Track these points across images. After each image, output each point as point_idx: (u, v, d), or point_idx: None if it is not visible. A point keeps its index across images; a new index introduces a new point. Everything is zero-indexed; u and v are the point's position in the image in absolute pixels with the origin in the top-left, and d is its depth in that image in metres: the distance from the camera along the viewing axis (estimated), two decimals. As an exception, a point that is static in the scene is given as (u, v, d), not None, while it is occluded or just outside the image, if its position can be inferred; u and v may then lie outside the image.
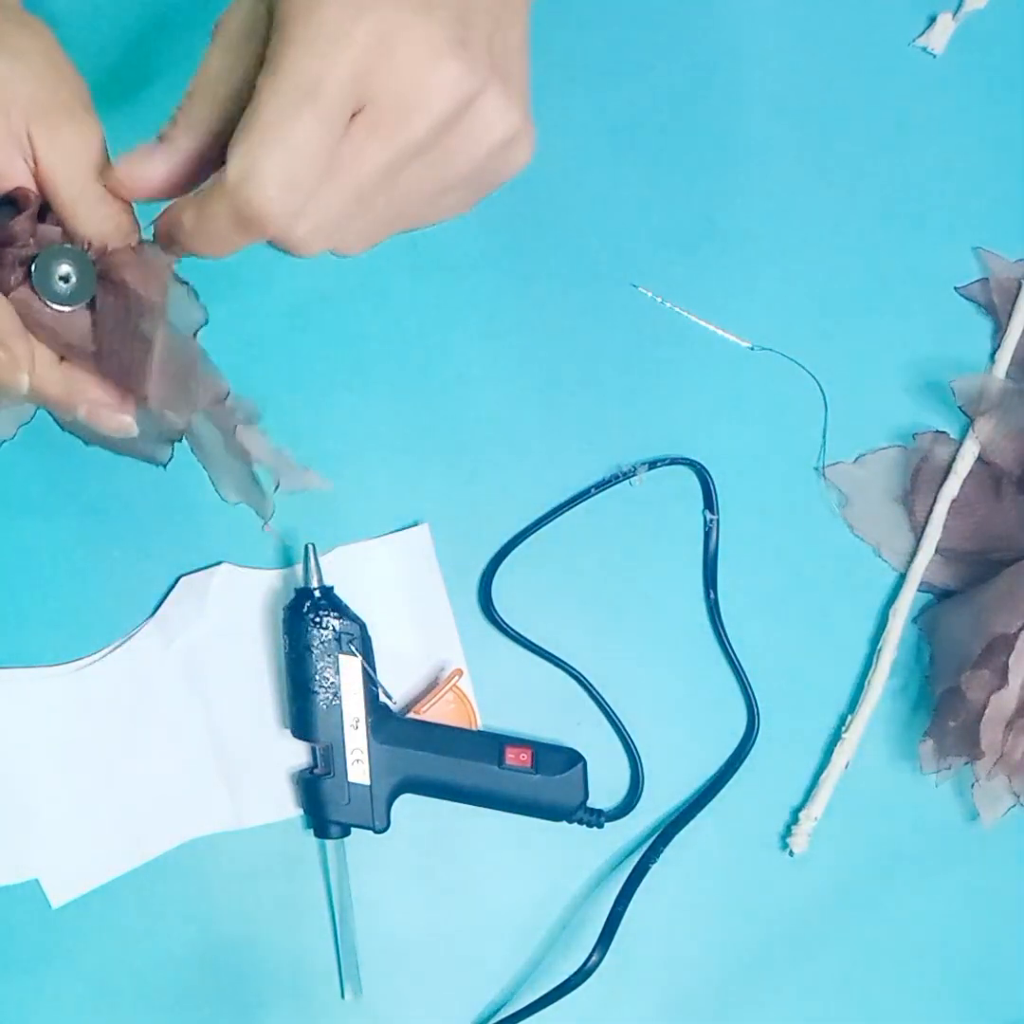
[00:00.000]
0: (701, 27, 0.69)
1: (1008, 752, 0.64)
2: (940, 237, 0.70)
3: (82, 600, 0.65)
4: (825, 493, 0.69)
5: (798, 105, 0.70)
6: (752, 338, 0.69)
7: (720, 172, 0.69)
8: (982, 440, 0.68)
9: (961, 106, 0.71)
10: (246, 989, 0.65)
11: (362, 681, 0.63)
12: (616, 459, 0.68)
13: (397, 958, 0.65)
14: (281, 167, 0.43)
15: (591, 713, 0.67)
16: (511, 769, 0.64)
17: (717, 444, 0.68)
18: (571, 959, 0.65)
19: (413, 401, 0.67)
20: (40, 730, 0.64)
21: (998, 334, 0.70)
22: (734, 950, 0.67)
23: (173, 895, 0.64)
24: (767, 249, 0.69)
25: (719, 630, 0.68)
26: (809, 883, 0.67)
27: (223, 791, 0.65)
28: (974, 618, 0.66)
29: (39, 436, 0.65)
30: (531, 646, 0.67)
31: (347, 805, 0.63)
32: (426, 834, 0.66)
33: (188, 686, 0.65)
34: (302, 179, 0.43)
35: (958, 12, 0.71)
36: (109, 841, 0.64)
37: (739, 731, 0.68)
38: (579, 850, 0.67)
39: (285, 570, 0.66)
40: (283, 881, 0.65)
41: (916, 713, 0.68)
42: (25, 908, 0.63)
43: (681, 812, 0.67)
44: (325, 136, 0.43)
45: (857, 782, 0.67)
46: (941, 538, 0.69)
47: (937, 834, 0.68)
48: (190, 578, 0.65)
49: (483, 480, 0.67)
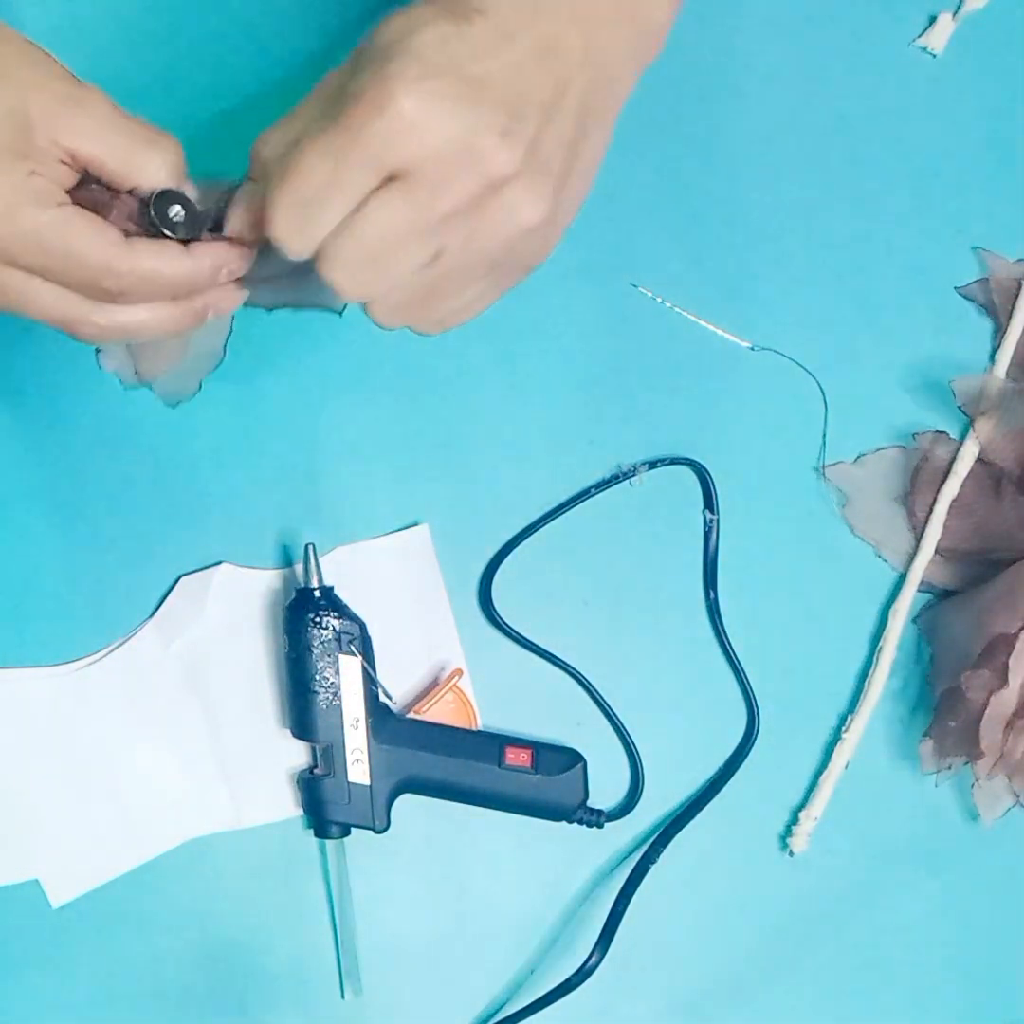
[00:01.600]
0: (701, 27, 0.69)
1: (1008, 752, 0.64)
2: (940, 237, 0.70)
3: (82, 600, 0.65)
4: (825, 493, 0.69)
5: (798, 105, 0.70)
6: (752, 338, 0.69)
7: (720, 172, 0.69)
8: (982, 440, 0.68)
9: (961, 106, 0.71)
10: (246, 989, 0.65)
11: (362, 681, 0.63)
12: (616, 459, 0.68)
13: (397, 958, 0.65)
14: (297, 214, 0.46)
15: (591, 713, 0.67)
16: (511, 769, 0.64)
17: (717, 444, 0.68)
18: (571, 959, 0.65)
19: (413, 401, 0.67)
20: (40, 730, 0.64)
21: (998, 334, 0.70)
22: (734, 950, 0.67)
23: (173, 895, 0.64)
24: (767, 249, 0.69)
25: (719, 630, 0.68)
26: (809, 883, 0.68)
27: (223, 791, 0.65)
28: (974, 618, 0.66)
29: (40, 436, 0.65)
30: (531, 646, 0.67)
31: (347, 805, 0.63)
32: (426, 834, 0.66)
33: (188, 686, 0.65)
34: (319, 225, 0.46)
35: (958, 12, 0.71)
36: (109, 841, 0.64)
37: (739, 731, 0.68)
38: (579, 850, 0.67)
39: (285, 570, 0.66)
40: (283, 881, 0.65)
41: (916, 713, 0.68)
42: (25, 908, 0.63)
43: (681, 812, 0.67)
44: (347, 192, 0.45)
45: (857, 782, 0.67)
46: (941, 538, 0.69)
47: (937, 834, 0.68)
48: (190, 578, 0.65)
49: (483, 480, 0.67)
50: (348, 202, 0.45)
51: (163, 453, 0.65)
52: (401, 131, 0.44)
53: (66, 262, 0.48)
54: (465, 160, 0.45)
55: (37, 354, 0.64)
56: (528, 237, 0.48)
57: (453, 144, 0.45)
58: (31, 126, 0.47)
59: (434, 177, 0.45)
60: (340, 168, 0.45)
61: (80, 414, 0.65)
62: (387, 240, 0.46)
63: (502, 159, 0.45)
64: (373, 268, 0.47)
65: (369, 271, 0.47)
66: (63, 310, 0.50)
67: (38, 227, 0.47)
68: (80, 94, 0.49)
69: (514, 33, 0.46)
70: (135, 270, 0.49)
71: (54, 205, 0.48)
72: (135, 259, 0.49)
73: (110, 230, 0.49)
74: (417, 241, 0.46)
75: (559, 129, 0.48)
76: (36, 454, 0.65)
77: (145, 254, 0.49)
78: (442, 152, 0.45)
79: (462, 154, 0.45)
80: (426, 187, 0.45)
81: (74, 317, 0.50)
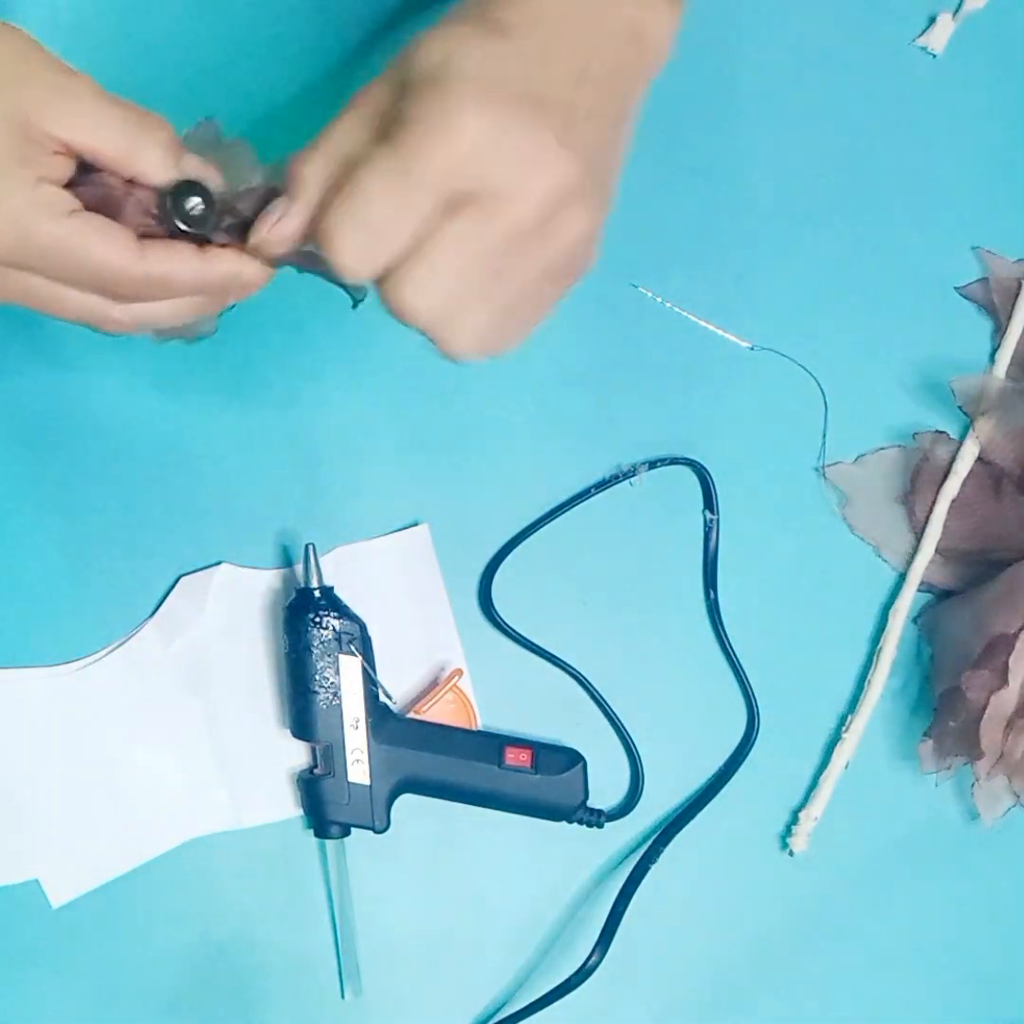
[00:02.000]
0: (701, 27, 0.69)
1: (1008, 752, 0.64)
2: (940, 237, 0.70)
3: (82, 600, 0.65)
4: (825, 493, 0.69)
5: (798, 104, 0.70)
6: (752, 338, 0.69)
7: (720, 172, 0.69)
8: (982, 440, 0.68)
9: (961, 106, 0.71)
10: (246, 989, 0.65)
11: (362, 681, 0.63)
12: (616, 459, 0.68)
13: (397, 958, 0.65)
14: (361, 239, 0.45)
15: (591, 713, 0.67)
16: (511, 769, 0.64)
17: (717, 444, 0.68)
18: (571, 959, 0.65)
19: (413, 401, 0.67)
20: (40, 730, 0.64)
21: (998, 334, 0.70)
22: (734, 950, 0.67)
23: (173, 895, 0.64)
24: (767, 249, 0.69)
25: (719, 630, 0.68)
26: (809, 883, 0.68)
27: (223, 791, 0.65)
28: (974, 618, 0.66)
29: (40, 436, 0.65)
30: (531, 646, 0.67)
31: (347, 805, 0.63)
32: (426, 834, 0.66)
33: (188, 686, 0.65)
34: (385, 251, 0.45)
35: (958, 12, 0.71)
36: (109, 841, 0.64)
37: (739, 731, 0.68)
38: (579, 850, 0.67)
39: (285, 570, 0.66)
40: (283, 881, 0.65)
41: (916, 713, 0.68)
42: (25, 908, 0.63)
43: (681, 812, 0.67)
44: (413, 216, 0.45)
45: (857, 782, 0.67)
46: (941, 538, 0.69)
47: (937, 834, 0.68)
48: (190, 578, 0.65)
49: (483, 480, 0.67)
50: (416, 227, 0.45)
51: (163, 453, 0.65)
52: (469, 153, 0.44)
53: (81, 271, 0.48)
54: (534, 176, 0.45)
55: (37, 354, 0.64)
56: (587, 243, 0.48)
57: (521, 162, 0.45)
58: (25, 121, 0.47)
59: (505, 196, 0.45)
60: (407, 192, 0.44)
61: (80, 414, 0.65)
62: (462, 264, 0.46)
63: (568, 171, 0.46)
64: (449, 293, 0.46)
65: (445, 297, 0.46)
66: (86, 311, 0.51)
67: (52, 241, 0.48)
68: (70, 83, 0.48)
69: (550, 46, 0.47)
70: (149, 277, 0.49)
71: (67, 214, 0.48)
72: (148, 266, 0.49)
73: (122, 236, 0.49)
74: (491, 262, 0.46)
75: (601, 136, 0.48)
76: (36, 454, 0.65)
77: (158, 261, 0.49)
78: (511, 171, 0.45)
79: (531, 171, 0.45)
80: (498, 207, 0.45)
81: (97, 317, 0.51)
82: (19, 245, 0.47)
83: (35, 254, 0.48)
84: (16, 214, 0.47)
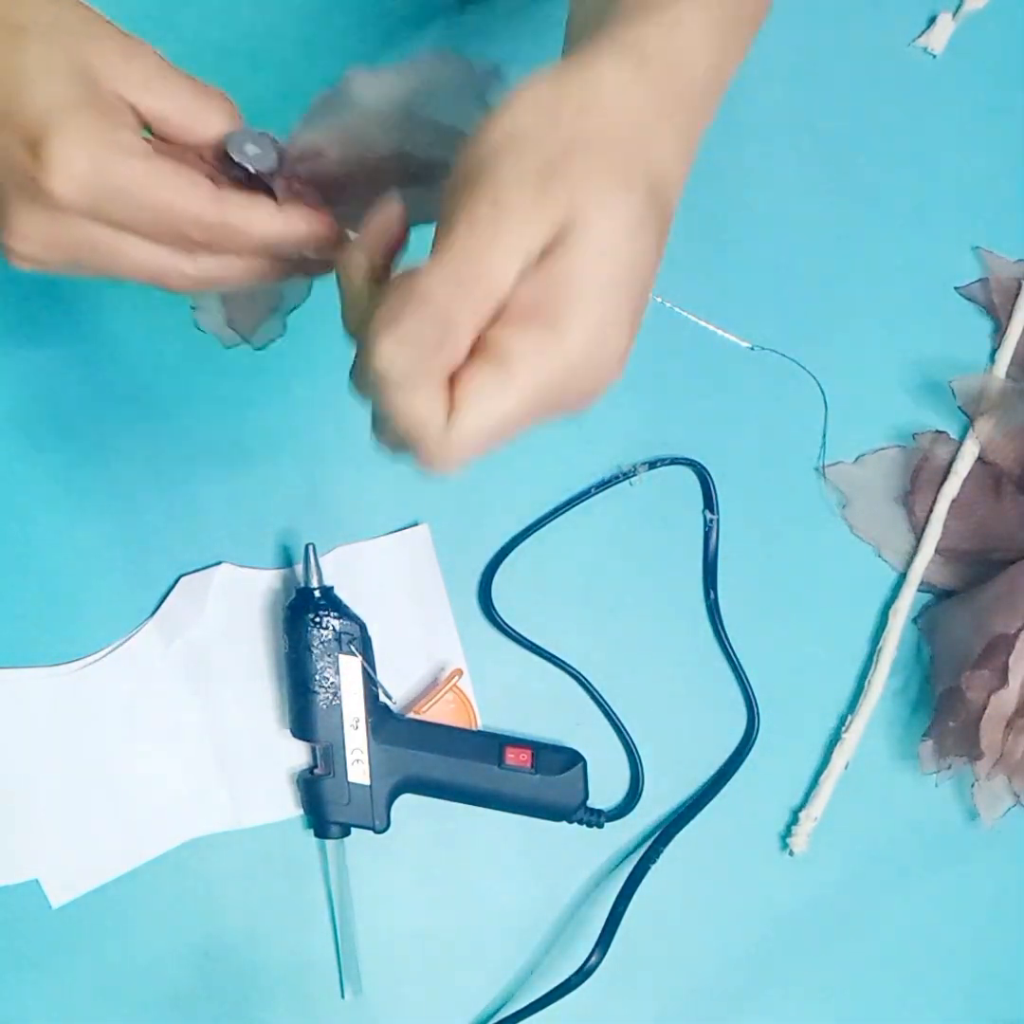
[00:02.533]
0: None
1: (1008, 752, 0.64)
2: (940, 237, 0.70)
3: (82, 600, 0.65)
4: (825, 493, 0.69)
5: (798, 105, 0.70)
6: (752, 338, 0.69)
7: (720, 172, 0.69)
8: (982, 440, 0.68)
9: (961, 106, 0.71)
10: (246, 989, 0.65)
11: (362, 681, 0.63)
12: (616, 459, 0.68)
13: (397, 958, 0.65)
14: (410, 357, 0.44)
15: (591, 713, 0.67)
16: (511, 769, 0.64)
17: (717, 444, 0.68)
18: (571, 959, 0.65)
19: (413, 401, 0.67)
20: (40, 730, 0.64)
21: (998, 334, 0.70)
22: (734, 950, 0.67)
23: (173, 895, 0.64)
24: (767, 249, 0.69)
25: (719, 630, 0.68)
26: (809, 883, 0.68)
27: (223, 791, 0.65)
28: (974, 618, 0.66)
29: (40, 436, 0.65)
30: (531, 646, 0.67)
31: (347, 805, 0.63)
32: (426, 834, 0.66)
33: (188, 686, 0.65)
34: (425, 362, 0.44)
35: (958, 12, 0.71)
36: (109, 841, 0.64)
37: (739, 731, 0.68)
38: (579, 850, 0.67)
39: (285, 570, 0.66)
40: (283, 881, 0.65)
41: (916, 713, 0.68)
42: (25, 908, 0.63)
43: (681, 812, 0.67)
44: (469, 333, 0.43)
45: (857, 782, 0.67)
46: (941, 538, 0.69)
47: (937, 834, 0.68)
48: (190, 578, 0.65)
49: (483, 480, 0.67)
50: None
51: (163, 453, 0.65)
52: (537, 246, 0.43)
53: (156, 214, 0.47)
54: (607, 375, 0.46)
55: (39, 354, 0.65)
56: None
57: (606, 366, 0.46)
58: (96, 80, 0.46)
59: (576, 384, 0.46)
60: None
61: (80, 414, 0.65)
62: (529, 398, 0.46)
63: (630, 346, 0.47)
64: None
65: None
66: (154, 263, 0.49)
67: (131, 180, 0.46)
68: (138, 48, 0.48)
69: None
70: (226, 222, 0.48)
71: (144, 157, 0.46)
72: (226, 210, 0.48)
73: (201, 181, 0.47)
74: None
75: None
76: (36, 454, 0.65)
77: (236, 206, 0.48)
78: (592, 372, 0.46)
79: (612, 369, 0.46)
80: None
81: (165, 269, 0.49)
82: (96, 183, 0.46)
83: (111, 196, 0.46)
84: (95, 152, 0.46)
